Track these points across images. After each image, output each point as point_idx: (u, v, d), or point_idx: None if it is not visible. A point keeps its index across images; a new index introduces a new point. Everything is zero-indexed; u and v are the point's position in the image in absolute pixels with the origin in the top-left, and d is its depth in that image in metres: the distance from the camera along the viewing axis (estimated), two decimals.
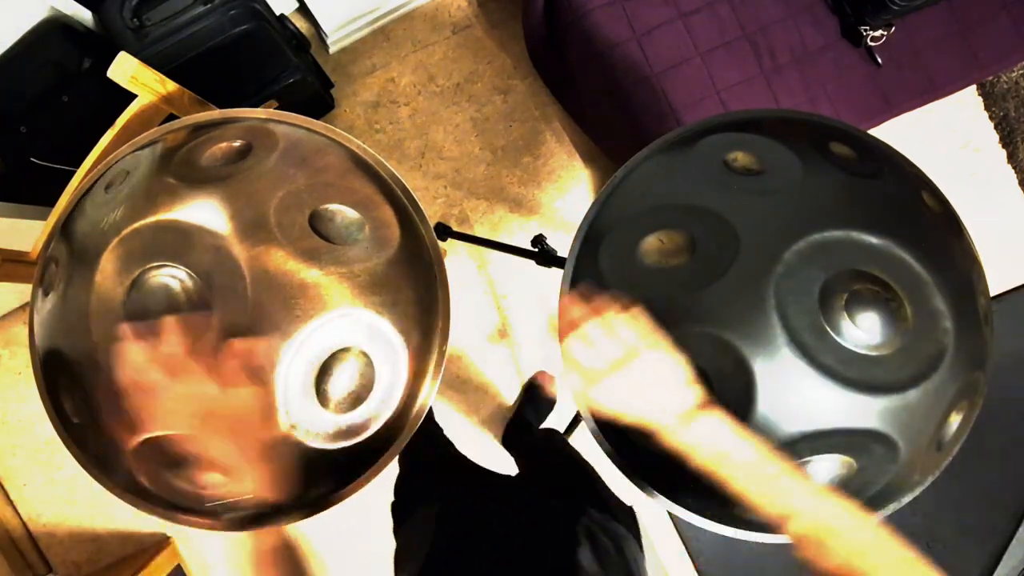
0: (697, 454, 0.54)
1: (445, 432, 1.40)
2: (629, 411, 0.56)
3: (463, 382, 1.80)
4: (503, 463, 1.35)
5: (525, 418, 1.73)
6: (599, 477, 0.99)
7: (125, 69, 0.94)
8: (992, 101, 1.79)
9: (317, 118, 0.78)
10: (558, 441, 1.28)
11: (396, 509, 0.95)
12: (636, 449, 0.66)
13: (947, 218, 0.70)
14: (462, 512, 0.81)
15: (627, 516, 0.88)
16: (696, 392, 0.56)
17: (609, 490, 0.96)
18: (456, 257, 1.79)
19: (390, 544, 0.87)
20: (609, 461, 0.69)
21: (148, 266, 0.62)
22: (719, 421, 0.54)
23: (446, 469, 1.07)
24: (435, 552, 0.74)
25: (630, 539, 0.82)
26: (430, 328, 0.71)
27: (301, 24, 1.70)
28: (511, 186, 1.79)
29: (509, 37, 1.76)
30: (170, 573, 1.67)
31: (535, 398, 1.75)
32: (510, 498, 0.89)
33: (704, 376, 0.60)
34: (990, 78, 1.75)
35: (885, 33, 1.33)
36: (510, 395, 1.81)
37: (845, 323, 0.58)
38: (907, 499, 0.69)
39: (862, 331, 0.58)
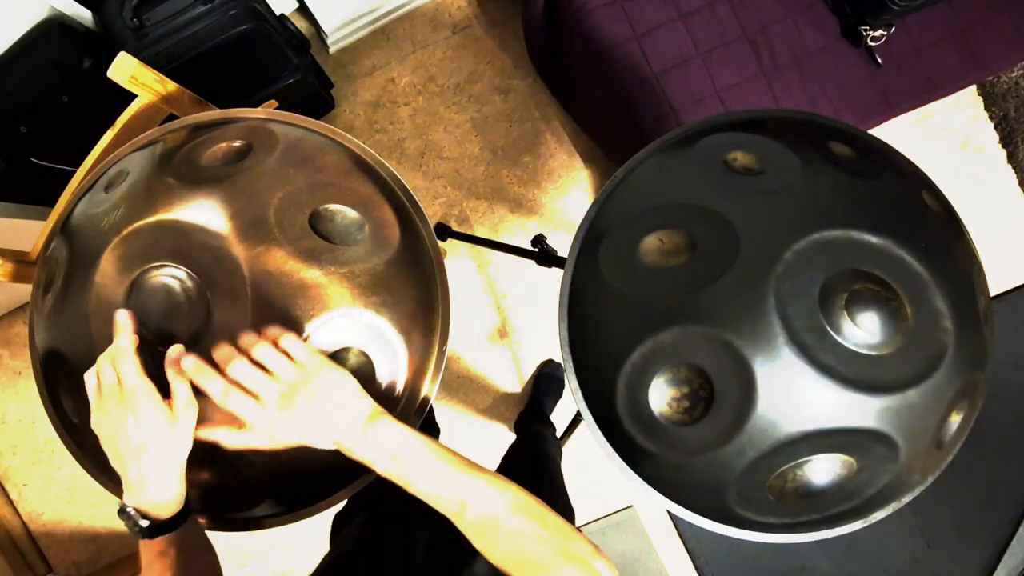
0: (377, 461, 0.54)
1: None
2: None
3: (463, 382, 1.80)
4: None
5: (539, 402, 1.75)
6: (556, 495, 1.01)
7: (125, 69, 0.94)
8: (992, 101, 1.79)
9: (317, 118, 0.78)
10: (541, 451, 1.30)
11: (336, 518, 0.92)
12: (636, 448, 0.66)
13: (947, 218, 0.70)
14: (380, 520, 0.78)
15: None
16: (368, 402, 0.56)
17: (560, 510, 0.97)
18: (456, 257, 1.79)
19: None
20: (609, 460, 0.69)
21: (148, 266, 0.62)
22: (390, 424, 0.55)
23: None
24: (342, 553, 0.71)
25: None
26: (430, 328, 0.71)
27: (301, 24, 1.70)
28: (511, 186, 1.79)
29: (509, 37, 1.76)
30: None
31: (545, 385, 1.76)
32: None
33: (704, 376, 0.60)
34: (990, 78, 1.75)
35: (885, 33, 1.33)
36: (509, 394, 1.81)
37: (845, 323, 0.58)
38: (907, 499, 0.69)
39: (862, 331, 0.58)
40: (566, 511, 0.99)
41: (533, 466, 1.19)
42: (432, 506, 0.53)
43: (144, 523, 0.55)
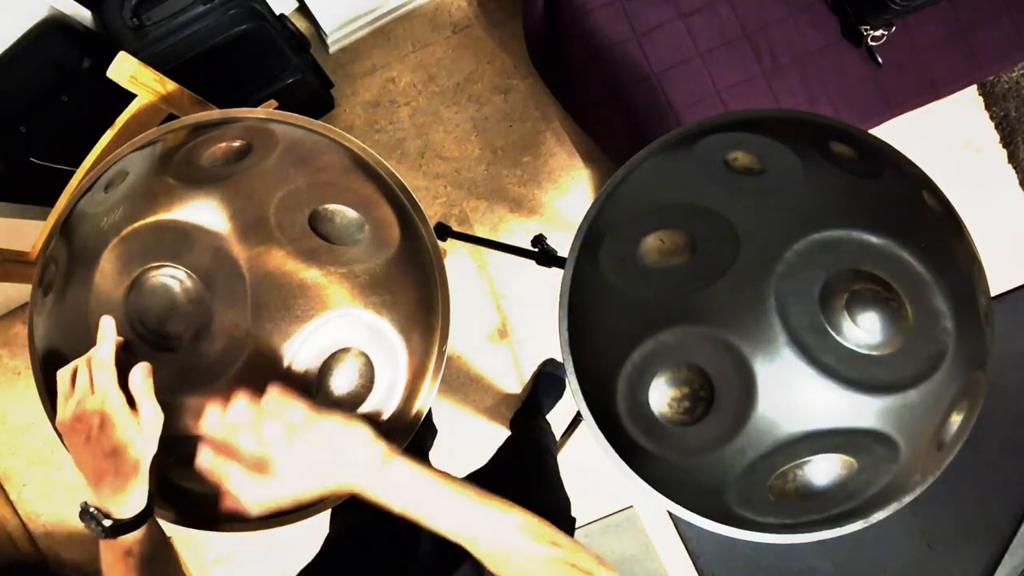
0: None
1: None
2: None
3: (463, 382, 1.80)
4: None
5: (537, 401, 1.75)
6: (552, 487, 1.04)
7: (125, 69, 0.94)
8: (993, 101, 1.79)
9: (317, 118, 0.78)
10: (535, 442, 1.31)
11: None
12: (636, 448, 0.66)
13: (948, 218, 0.70)
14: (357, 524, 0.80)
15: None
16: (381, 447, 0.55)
17: (556, 500, 1.00)
18: (456, 257, 1.79)
19: None
20: (609, 460, 0.69)
21: (148, 266, 0.62)
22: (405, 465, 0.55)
23: None
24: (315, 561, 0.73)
25: None
26: (430, 328, 0.71)
27: (301, 24, 1.70)
28: (511, 186, 1.79)
29: (509, 37, 1.76)
30: None
31: (545, 384, 1.77)
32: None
33: (704, 376, 0.60)
34: (990, 78, 1.75)
35: (886, 33, 1.33)
36: (510, 394, 1.81)
37: (846, 323, 0.58)
38: (907, 499, 0.69)
39: (863, 331, 0.58)
40: (562, 500, 1.01)
41: (528, 458, 1.21)
42: (447, 537, 0.55)
43: (107, 523, 0.56)
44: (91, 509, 0.57)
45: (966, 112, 1.79)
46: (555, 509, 0.98)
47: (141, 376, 0.58)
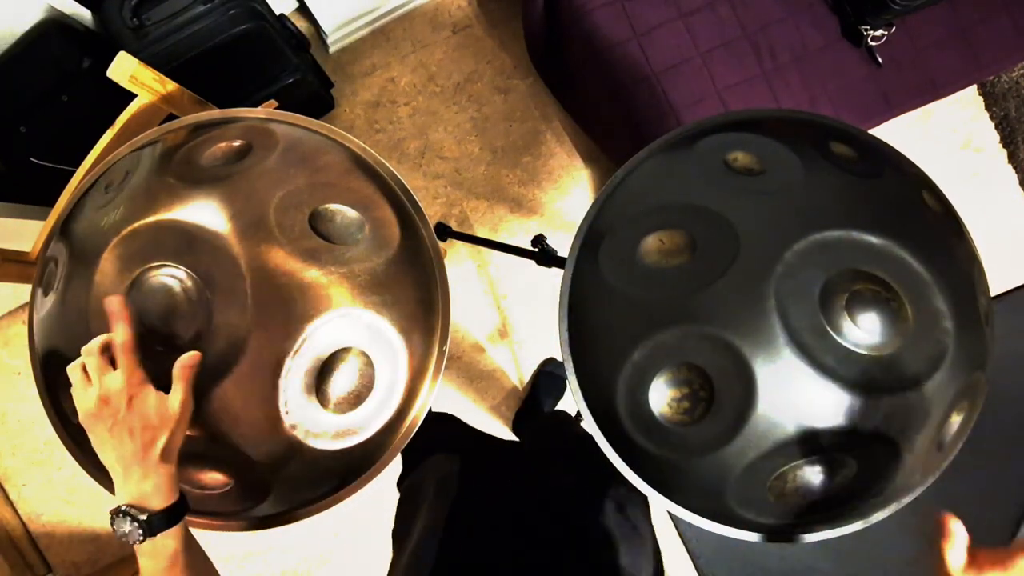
0: None
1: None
2: None
3: (463, 382, 1.80)
4: None
5: (537, 401, 1.75)
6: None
7: (125, 69, 0.94)
8: (993, 101, 1.79)
9: (317, 118, 0.78)
10: (568, 421, 1.29)
11: (407, 452, 0.92)
12: (636, 449, 0.66)
13: (948, 218, 0.69)
14: (485, 467, 0.81)
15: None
16: None
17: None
18: (456, 257, 1.79)
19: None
20: (609, 460, 0.69)
21: (148, 266, 0.62)
22: None
23: (462, 425, 1.07)
24: (459, 501, 0.74)
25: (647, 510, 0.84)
26: (430, 328, 0.71)
27: (301, 24, 1.70)
28: (511, 186, 1.79)
29: (509, 37, 1.76)
30: None
31: (545, 384, 1.76)
32: (526, 463, 0.91)
33: (704, 376, 0.60)
34: (991, 78, 1.75)
35: (886, 33, 1.33)
36: (510, 394, 1.81)
37: (846, 323, 0.58)
38: (907, 499, 0.69)
39: (863, 331, 0.58)
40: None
41: (566, 430, 1.19)
42: None
43: (143, 517, 0.54)
44: (123, 508, 0.55)
45: (966, 112, 1.79)
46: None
47: (190, 363, 0.58)
